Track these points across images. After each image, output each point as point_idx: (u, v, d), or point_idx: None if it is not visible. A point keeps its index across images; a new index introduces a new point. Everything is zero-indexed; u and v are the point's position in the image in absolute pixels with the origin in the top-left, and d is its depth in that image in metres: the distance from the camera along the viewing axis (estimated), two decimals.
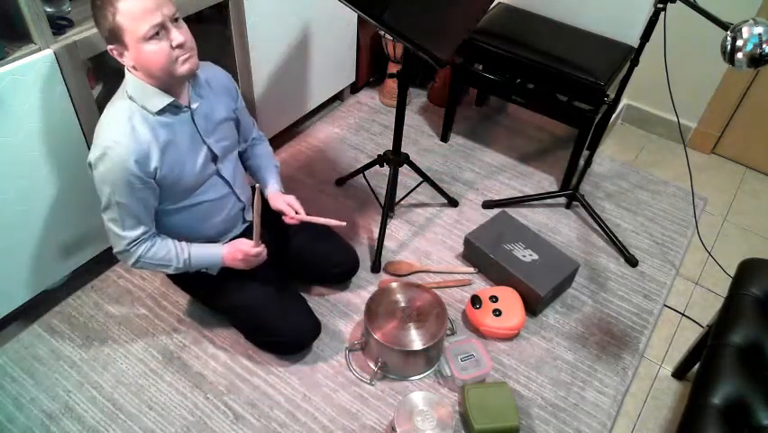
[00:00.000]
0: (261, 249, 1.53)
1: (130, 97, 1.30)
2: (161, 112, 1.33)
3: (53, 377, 1.60)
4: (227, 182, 1.53)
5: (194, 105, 1.39)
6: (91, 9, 1.24)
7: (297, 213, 1.60)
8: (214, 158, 1.48)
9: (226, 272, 1.58)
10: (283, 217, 1.62)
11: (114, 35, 1.22)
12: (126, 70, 1.31)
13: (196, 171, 1.43)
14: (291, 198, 1.63)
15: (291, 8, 2.06)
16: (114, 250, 1.44)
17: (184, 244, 1.48)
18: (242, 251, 1.50)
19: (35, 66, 1.38)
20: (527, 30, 2.22)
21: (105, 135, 1.28)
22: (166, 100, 1.31)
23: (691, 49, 2.36)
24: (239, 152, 1.64)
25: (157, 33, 1.20)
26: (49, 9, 1.47)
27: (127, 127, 1.28)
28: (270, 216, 1.65)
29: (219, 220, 1.56)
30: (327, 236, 1.79)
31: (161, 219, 1.47)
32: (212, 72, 1.48)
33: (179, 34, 1.23)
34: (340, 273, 1.83)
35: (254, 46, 1.97)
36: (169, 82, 1.30)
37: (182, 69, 1.27)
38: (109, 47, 1.25)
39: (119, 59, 1.28)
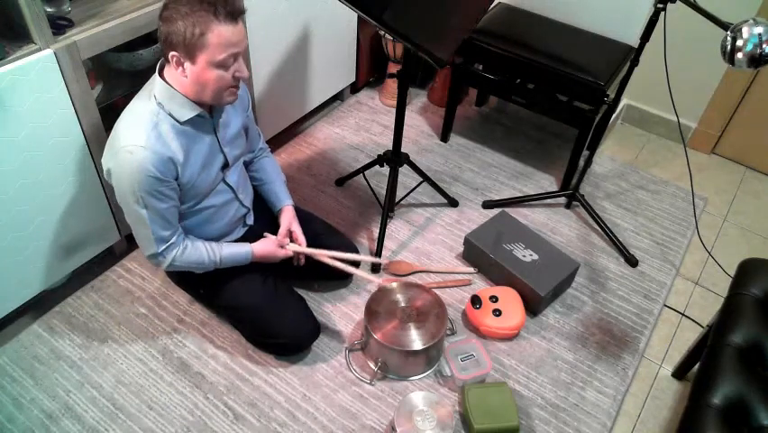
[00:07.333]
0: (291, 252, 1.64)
1: (158, 103, 1.31)
2: (187, 121, 1.34)
3: (53, 377, 1.60)
4: (232, 188, 1.55)
5: (216, 116, 1.42)
6: (169, 11, 1.19)
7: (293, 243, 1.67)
8: (225, 165, 1.50)
9: (227, 273, 1.58)
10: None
11: (189, 48, 1.21)
12: (158, 75, 1.31)
13: (211, 178, 1.45)
14: (298, 229, 1.67)
15: (291, 8, 2.06)
16: (145, 254, 1.45)
17: (215, 246, 1.51)
18: (277, 256, 1.61)
19: (35, 66, 1.38)
20: (527, 30, 2.22)
21: (129, 140, 1.27)
22: (195, 111, 1.33)
23: (691, 49, 2.36)
24: (244, 162, 1.67)
25: (229, 63, 1.25)
26: (49, 9, 1.47)
27: (153, 133, 1.29)
28: (273, 215, 1.71)
29: (222, 224, 1.58)
30: (330, 232, 1.80)
31: None
32: None
33: (245, 68, 1.29)
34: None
35: (254, 46, 1.97)
36: (205, 101, 1.33)
37: (228, 99, 1.33)
38: (171, 53, 1.23)
39: (170, 64, 1.26)
